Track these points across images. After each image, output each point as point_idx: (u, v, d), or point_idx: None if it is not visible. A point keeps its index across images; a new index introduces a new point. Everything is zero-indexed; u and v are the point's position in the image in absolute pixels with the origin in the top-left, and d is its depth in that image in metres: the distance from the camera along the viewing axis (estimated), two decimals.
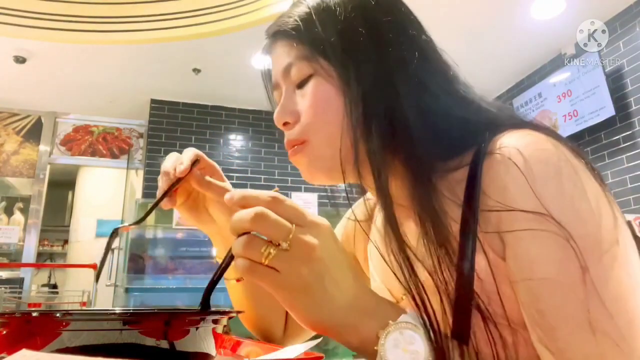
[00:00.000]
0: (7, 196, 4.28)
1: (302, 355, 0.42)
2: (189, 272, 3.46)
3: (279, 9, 2.38)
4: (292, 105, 0.56)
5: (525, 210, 0.42)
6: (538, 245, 0.41)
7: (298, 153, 0.55)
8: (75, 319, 0.39)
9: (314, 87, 0.53)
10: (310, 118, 0.53)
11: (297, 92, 0.56)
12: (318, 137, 0.53)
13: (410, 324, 0.39)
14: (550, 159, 0.43)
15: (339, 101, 0.52)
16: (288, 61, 0.56)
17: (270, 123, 3.87)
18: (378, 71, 0.51)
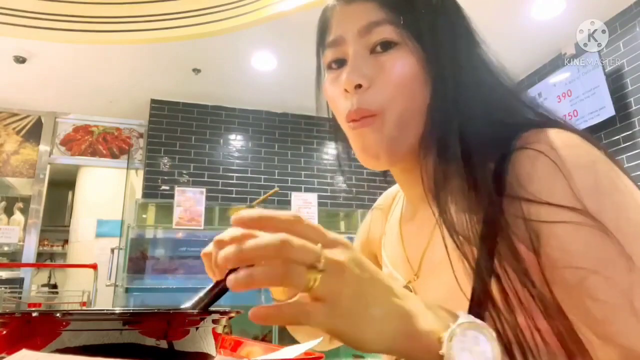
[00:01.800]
0: (7, 196, 4.28)
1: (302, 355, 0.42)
2: (189, 272, 3.46)
3: (279, 9, 2.37)
4: (366, 69, 0.52)
5: (562, 205, 0.42)
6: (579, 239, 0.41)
7: (367, 126, 0.52)
8: (75, 319, 0.39)
9: (400, 59, 0.51)
10: (392, 91, 0.51)
11: (372, 57, 0.52)
12: (394, 113, 0.51)
13: (473, 323, 0.36)
14: (584, 155, 0.45)
15: (422, 80, 0.51)
16: (372, 19, 0.52)
17: (270, 123, 3.86)
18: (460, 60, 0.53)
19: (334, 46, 0.56)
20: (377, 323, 0.35)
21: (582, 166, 0.44)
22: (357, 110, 0.52)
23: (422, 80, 0.52)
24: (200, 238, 3.58)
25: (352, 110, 0.52)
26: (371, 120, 0.52)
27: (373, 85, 0.52)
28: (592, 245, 0.41)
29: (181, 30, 2.49)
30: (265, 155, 4.38)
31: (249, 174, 4.31)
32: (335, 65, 0.56)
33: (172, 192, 3.62)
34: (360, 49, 0.53)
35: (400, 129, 0.52)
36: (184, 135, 4.24)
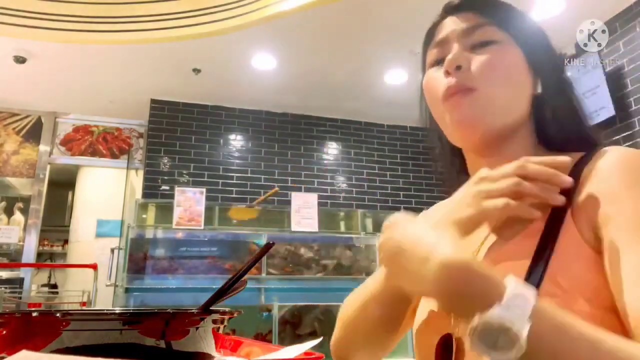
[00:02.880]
0: (7, 196, 4.28)
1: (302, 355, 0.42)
2: (189, 272, 3.46)
3: (279, 9, 2.38)
4: (467, 56, 0.58)
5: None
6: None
7: (464, 97, 0.57)
8: (75, 319, 0.39)
9: (497, 49, 0.57)
10: (489, 70, 0.56)
11: (473, 54, 0.58)
12: (490, 89, 0.56)
13: (497, 323, 0.36)
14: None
15: (523, 70, 0.58)
16: (474, 23, 0.59)
17: (270, 123, 3.85)
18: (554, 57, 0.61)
19: (438, 46, 0.62)
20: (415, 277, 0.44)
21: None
22: (456, 84, 0.57)
23: (523, 71, 0.58)
24: (200, 238, 3.58)
25: (451, 85, 0.57)
26: (469, 92, 0.57)
27: (472, 68, 0.57)
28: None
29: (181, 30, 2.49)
30: (265, 155, 4.38)
31: (249, 174, 4.31)
32: (437, 64, 0.62)
33: (172, 192, 3.61)
34: (463, 45, 0.59)
35: (497, 106, 0.57)
36: (184, 135, 4.24)
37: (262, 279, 3.40)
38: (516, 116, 0.58)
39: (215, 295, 0.44)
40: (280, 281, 3.47)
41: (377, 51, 3.48)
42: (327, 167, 4.48)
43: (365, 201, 4.35)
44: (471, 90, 0.56)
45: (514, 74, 0.57)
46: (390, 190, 4.49)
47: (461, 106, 0.57)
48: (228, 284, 0.45)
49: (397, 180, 4.55)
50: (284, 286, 3.45)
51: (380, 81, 3.87)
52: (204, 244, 3.57)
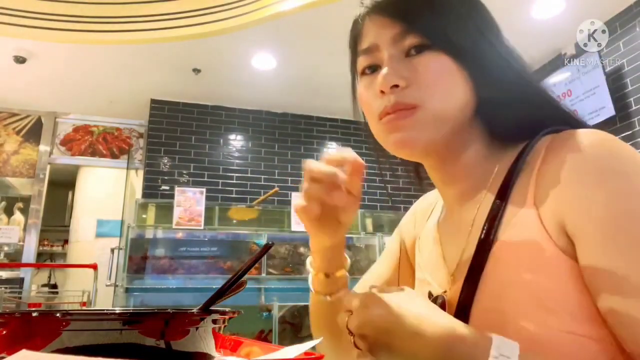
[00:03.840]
0: (7, 196, 4.28)
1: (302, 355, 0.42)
2: (189, 272, 3.46)
3: (279, 9, 2.37)
4: (402, 70, 0.54)
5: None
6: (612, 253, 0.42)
7: (408, 117, 0.54)
8: (75, 319, 0.39)
9: (434, 58, 0.54)
10: (431, 84, 0.53)
11: (408, 59, 0.55)
12: (433, 104, 0.53)
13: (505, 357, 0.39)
14: (621, 152, 0.46)
15: (458, 74, 0.54)
16: (405, 27, 0.55)
17: (270, 123, 3.85)
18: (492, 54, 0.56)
19: (368, 53, 0.58)
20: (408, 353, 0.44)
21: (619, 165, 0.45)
22: (394, 105, 0.54)
23: (459, 77, 0.54)
24: (200, 238, 3.58)
25: (388, 105, 0.54)
26: (410, 112, 0.54)
27: (410, 84, 0.54)
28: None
29: (181, 30, 2.49)
30: (265, 155, 4.38)
31: (249, 174, 4.31)
32: (369, 71, 0.58)
33: (172, 192, 3.62)
34: (396, 53, 0.55)
35: (438, 121, 0.54)
36: (184, 135, 4.24)
37: (262, 279, 3.40)
38: (456, 122, 0.55)
39: (215, 295, 0.44)
40: (280, 281, 3.48)
41: None
42: None
43: (365, 201, 4.35)
44: (413, 108, 0.53)
45: (453, 84, 0.54)
46: (390, 190, 4.47)
47: (400, 128, 0.54)
48: (228, 284, 0.45)
49: (397, 181, 4.51)
50: (284, 286, 3.45)
51: None
52: (204, 244, 3.57)
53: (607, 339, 0.42)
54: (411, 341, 0.43)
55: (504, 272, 0.48)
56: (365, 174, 0.51)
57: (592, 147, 0.46)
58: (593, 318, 0.43)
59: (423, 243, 0.68)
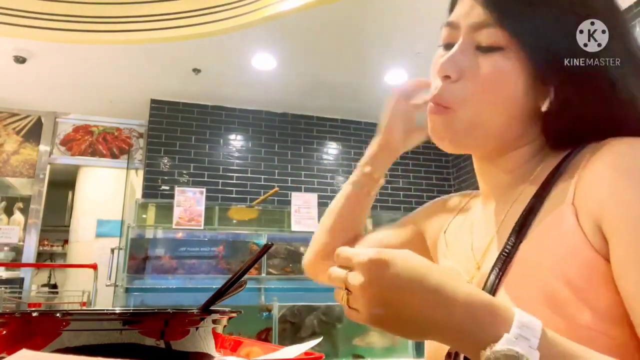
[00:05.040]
0: (7, 196, 4.27)
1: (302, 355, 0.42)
2: (189, 272, 3.46)
3: (279, 9, 2.38)
4: (463, 62, 0.53)
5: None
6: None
7: (438, 114, 0.55)
8: (75, 319, 0.39)
9: (497, 61, 0.52)
10: (478, 90, 0.53)
11: (476, 53, 0.53)
12: (466, 112, 0.54)
13: (511, 351, 0.36)
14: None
15: (522, 85, 0.52)
16: (483, 19, 0.53)
17: (270, 123, 3.83)
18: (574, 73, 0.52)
19: (449, 27, 0.58)
20: (411, 327, 0.40)
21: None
22: (436, 96, 0.56)
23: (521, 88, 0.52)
24: (200, 238, 3.58)
25: (434, 93, 0.56)
26: (444, 111, 0.55)
27: (461, 79, 0.54)
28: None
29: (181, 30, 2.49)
30: (265, 155, 4.38)
31: (249, 174, 4.30)
32: (446, 47, 0.58)
33: (172, 192, 3.61)
34: (468, 41, 0.54)
35: (470, 129, 0.54)
36: (184, 135, 4.24)
37: (262, 279, 3.40)
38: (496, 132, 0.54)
39: (215, 295, 0.44)
40: (280, 281, 3.47)
41: (377, 51, 3.48)
42: (327, 167, 4.48)
43: None
44: (447, 108, 0.54)
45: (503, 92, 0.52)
46: (390, 190, 4.49)
47: (433, 122, 0.57)
48: (228, 284, 0.45)
49: (397, 180, 4.54)
50: (284, 286, 3.45)
51: (381, 81, 3.87)
52: (204, 244, 3.57)
53: (629, 342, 0.43)
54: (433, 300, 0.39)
55: (532, 266, 0.48)
56: None
57: (631, 150, 0.47)
58: (619, 319, 0.43)
59: (450, 234, 0.69)
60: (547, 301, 0.45)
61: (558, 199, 0.50)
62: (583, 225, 0.46)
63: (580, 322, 0.43)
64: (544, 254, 0.47)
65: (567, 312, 0.44)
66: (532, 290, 0.47)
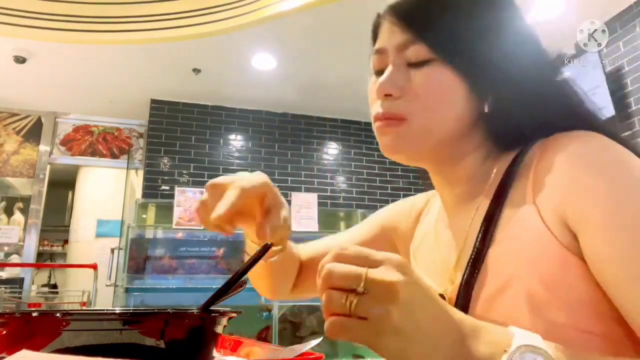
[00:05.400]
0: (7, 196, 4.27)
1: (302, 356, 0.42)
2: (189, 272, 3.46)
3: (279, 9, 2.37)
4: (401, 81, 0.55)
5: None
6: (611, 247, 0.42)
7: (391, 127, 0.56)
8: (75, 319, 0.39)
9: (432, 72, 0.54)
10: (422, 100, 0.54)
11: (408, 70, 0.56)
12: (420, 120, 0.55)
13: (530, 346, 0.35)
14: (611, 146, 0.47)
15: (458, 88, 0.54)
16: (407, 37, 0.56)
17: (270, 123, 3.84)
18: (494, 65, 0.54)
19: (377, 54, 0.60)
20: (428, 342, 0.35)
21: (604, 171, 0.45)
22: (384, 113, 0.56)
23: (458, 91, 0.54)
24: (200, 238, 3.58)
25: (379, 112, 0.57)
26: (398, 123, 0.55)
27: (403, 95, 0.55)
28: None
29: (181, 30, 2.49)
30: (265, 155, 4.38)
31: None
32: (377, 74, 0.60)
33: (172, 192, 3.62)
34: (399, 61, 0.56)
35: (423, 135, 0.55)
36: (184, 135, 4.24)
37: None
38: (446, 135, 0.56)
39: (215, 295, 0.44)
40: None
41: None
42: (327, 167, 4.48)
43: (365, 201, 4.35)
44: (400, 119, 0.55)
45: (444, 97, 0.54)
46: (390, 190, 4.49)
47: (385, 134, 0.57)
48: (228, 284, 0.45)
49: (397, 181, 4.54)
50: None
51: None
52: (204, 244, 3.57)
53: (613, 335, 0.42)
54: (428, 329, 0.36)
55: (502, 272, 0.48)
56: (365, 174, 0.53)
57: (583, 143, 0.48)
58: (600, 313, 0.43)
59: (419, 245, 0.69)
60: (529, 305, 0.44)
61: (518, 201, 0.50)
62: (548, 223, 0.46)
63: (562, 323, 0.43)
64: (515, 258, 0.47)
65: (548, 313, 0.43)
66: (506, 301, 0.46)
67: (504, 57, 0.54)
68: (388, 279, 0.35)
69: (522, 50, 0.56)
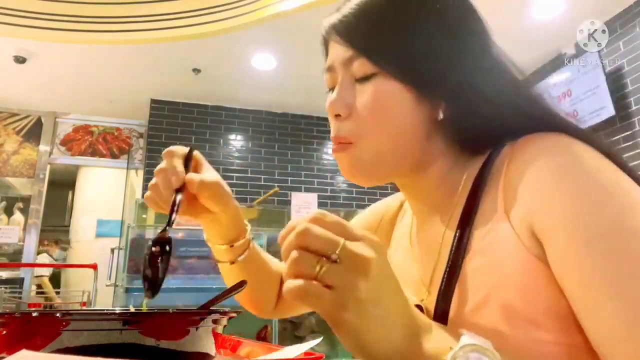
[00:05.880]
0: (7, 196, 4.28)
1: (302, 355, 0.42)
2: (189, 272, 3.46)
3: (279, 9, 2.38)
4: (348, 98, 0.54)
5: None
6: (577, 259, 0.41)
7: (342, 151, 0.55)
8: (75, 319, 0.39)
9: (376, 88, 0.52)
10: (365, 120, 0.53)
11: (356, 86, 0.54)
12: (367, 141, 0.53)
13: (477, 346, 0.35)
14: (577, 152, 0.45)
15: (407, 100, 0.52)
16: (350, 53, 0.54)
17: (270, 123, 3.85)
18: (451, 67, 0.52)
19: (328, 72, 0.59)
20: (385, 326, 0.36)
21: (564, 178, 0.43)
22: (335, 137, 0.55)
23: (408, 103, 0.52)
24: (200, 238, 3.57)
25: (332, 136, 0.56)
26: (347, 146, 0.54)
27: (351, 114, 0.54)
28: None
29: (181, 30, 2.49)
30: (265, 155, 4.38)
31: (249, 174, 4.31)
32: (331, 91, 0.58)
33: None
34: (346, 77, 0.55)
35: (374, 157, 0.53)
36: (184, 135, 4.24)
37: None
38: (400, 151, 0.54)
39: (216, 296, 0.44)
40: None
41: None
42: (327, 167, 4.48)
43: (365, 201, 4.35)
44: (349, 143, 0.54)
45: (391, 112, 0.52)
46: (390, 190, 4.45)
47: (340, 160, 0.55)
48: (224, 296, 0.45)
49: None
50: None
51: None
52: (204, 244, 3.55)
53: (579, 344, 0.42)
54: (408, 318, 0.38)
55: (480, 286, 0.47)
56: None
57: (550, 149, 0.46)
58: (566, 323, 0.42)
59: (394, 251, 0.67)
60: (507, 320, 0.44)
61: (489, 210, 0.48)
62: (518, 231, 0.45)
63: (531, 336, 0.42)
64: (490, 271, 0.46)
65: (525, 326, 0.43)
66: (481, 313, 0.45)
67: (450, 62, 0.52)
68: (364, 253, 0.35)
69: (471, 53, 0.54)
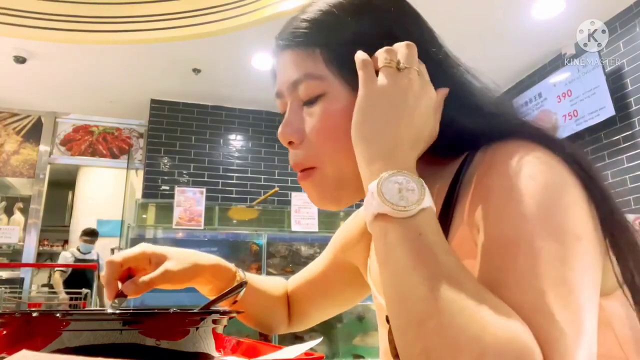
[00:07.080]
0: (7, 196, 4.28)
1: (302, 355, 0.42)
2: None
3: (279, 9, 2.38)
4: (297, 123, 0.52)
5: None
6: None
7: (307, 178, 0.53)
8: (75, 319, 0.39)
9: (323, 109, 0.50)
10: (318, 144, 0.51)
11: (304, 110, 0.52)
12: (328, 164, 0.51)
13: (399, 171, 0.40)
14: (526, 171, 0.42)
15: (349, 121, 0.48)
16: (296, 77, 0.52)
17: (270, 123, 3.84)
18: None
19: (278, 98, 0.56)
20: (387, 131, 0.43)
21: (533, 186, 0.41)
22: (294, 165, 0.54)
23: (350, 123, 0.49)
24: (200, 238, 3.58)
25: (291, 164, 0.55)
26: (310, 172, 0.53)
27: (305, 139, 0.52)
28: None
29: (181, 30, 2.49)
30: (265, 155, 4.38)
31: (249, 174, 4.31)
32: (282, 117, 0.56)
33: (172, 192, 3.62)
34: (294, 102, 0.53)
35: (339, 180, 0.52)
36: (184, 135, 4.24)
37: None
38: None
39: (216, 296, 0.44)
40: None
41: None
42: None
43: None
44: (312, 169, 0.52)
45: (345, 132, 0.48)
46: None
47: (308, 188, 0.54)
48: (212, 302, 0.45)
49: None
50: None
51: None
52: (204, 244, 3.57)
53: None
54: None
55: None
56: None
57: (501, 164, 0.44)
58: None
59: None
60: None
61: (459, 220, 0.47)
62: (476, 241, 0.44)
63: None
64: None
65: None
66: None
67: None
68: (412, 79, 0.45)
69: (434, 63, 0.51)
